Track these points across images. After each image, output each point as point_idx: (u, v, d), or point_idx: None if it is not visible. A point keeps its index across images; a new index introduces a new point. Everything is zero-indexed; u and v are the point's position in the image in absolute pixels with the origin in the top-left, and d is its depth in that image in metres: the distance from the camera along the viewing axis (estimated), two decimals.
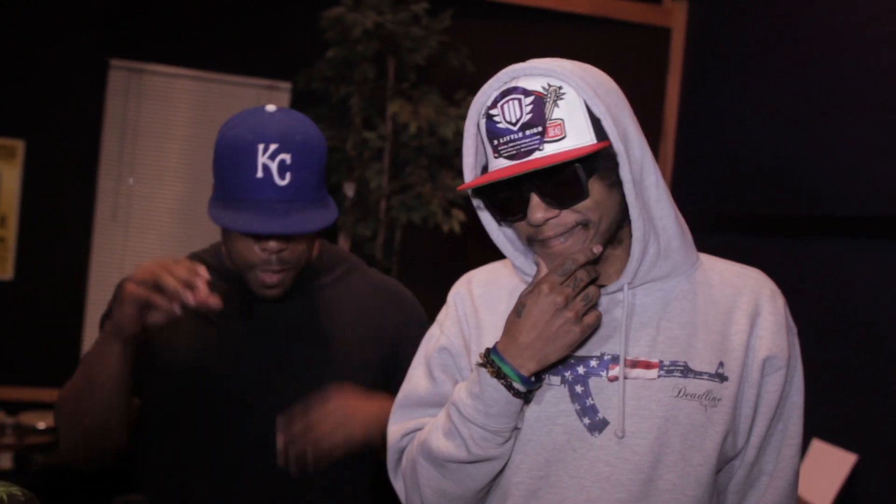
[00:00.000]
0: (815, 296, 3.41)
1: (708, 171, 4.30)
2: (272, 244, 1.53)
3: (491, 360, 1.23)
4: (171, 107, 4.55)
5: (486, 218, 1.34)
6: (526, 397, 1.23)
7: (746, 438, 1.31)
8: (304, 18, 4.29)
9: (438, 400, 1.39)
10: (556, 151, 1.18)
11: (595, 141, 1.19)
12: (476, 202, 1.33)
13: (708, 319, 1.30)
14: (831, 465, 3.14)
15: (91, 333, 4.41)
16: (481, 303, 1.40)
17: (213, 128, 4.54)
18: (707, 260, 1.37)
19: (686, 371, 1.27)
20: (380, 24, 3.88)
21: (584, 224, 1.23)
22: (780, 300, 1.33)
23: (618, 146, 1.20)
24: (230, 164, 1.50)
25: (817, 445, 3.25)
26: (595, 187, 1.21)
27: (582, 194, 1.21)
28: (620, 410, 1.25)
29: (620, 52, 4.55)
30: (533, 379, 1.23)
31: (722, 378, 1.27)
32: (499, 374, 1.22)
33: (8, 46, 4.34)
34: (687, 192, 4.36)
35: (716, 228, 3.97)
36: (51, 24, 4.38)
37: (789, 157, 3.72)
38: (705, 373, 1.27)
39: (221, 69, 4.57)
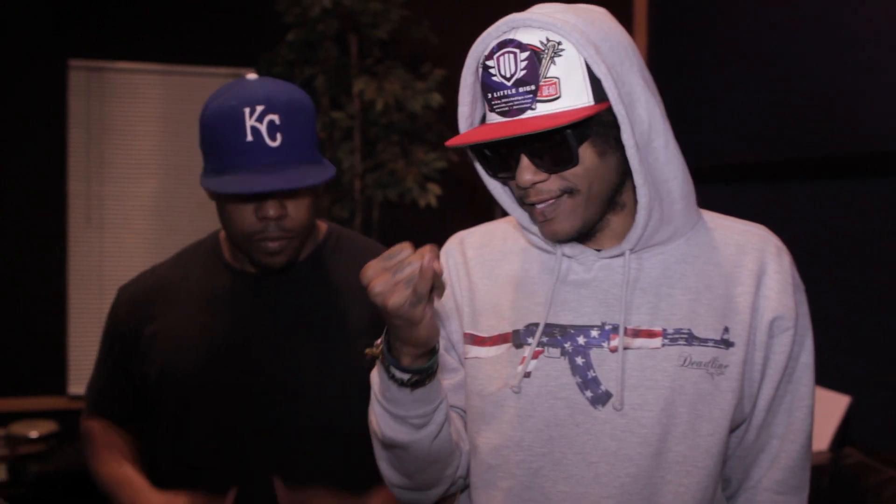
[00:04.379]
0: (802, 239, 3.41)
1: (687, 121, 4.29)
2: (271, 210, 1.48)
3: (384, 342, 1.17)
4: (136, 103, 4.49)
5: (485, 174, 1.27)
6: (411, 384, 1.17)
7: (754, 402, 1.26)
8: (263, 2, 4.23)
9: None
10: (548, 112, 1.11)
11: (592, 103, 1.12)
12: (472, 154, 1.26)
13: (711, 282, 1.23)
14: (826, 408, 3.15)
15: (75, 337, 4.37)
16: (475, 265, 1.34)
17: (180, 121, 4.49)
18: (709, 218, 1.30)
19: (690, 338, 1.21)
20: (338, 1, 3.83)
21: (570, 192, 1.16)
22: (786, 257, 1.27)
23: (619, 109, 1.12)
24: (218, 133, 1.47)
25: None
26: (587, 154, 1.14)
27: (571, 161, 1.14)
28: (619, 382, 1.20)
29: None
30: (415, 366, 1.15)
31: (728, 344, 1.22)
32: (382, 359, 1.17)
33: None
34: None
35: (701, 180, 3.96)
36: (5, 27, 4.30)
37: (763, 101, 3.71)
38: (710, 339, 1.21)
39: (183, 61, 4.51)
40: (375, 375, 1.22)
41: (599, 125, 1.14)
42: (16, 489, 3.79)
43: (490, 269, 1.33)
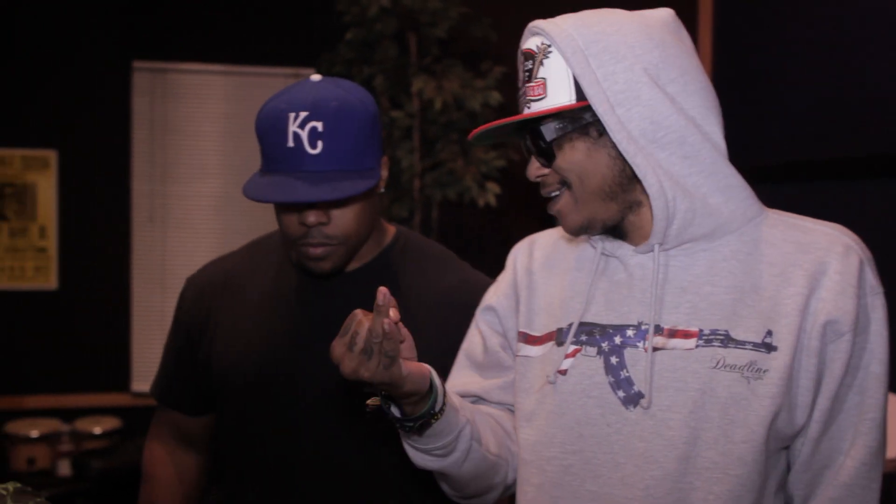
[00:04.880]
0: (871, 238, 3.29)
1: (747, 120, 4.18)
2: (311, 217, 1.47)
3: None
4: (198, 104, 4.54)
5: None
6: (418, 429, 1.21)
7: (809, 413, 1.18)
8: (323, 2, 4.24)
9: (491, 360, 1.39)
10: (536, 110, 1.20)
11: (573, 101, 1.18)
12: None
13: (760, 282, 1.18)
14: None
15: (139, 335, 4.44)
16: (539, 266, 1.37)
17: (241, 121, 4.53)
18: (775, 216, 1.24)
19: (727, 340, 1.16)
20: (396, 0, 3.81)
21: (566, 185, 1.23)
22: (855, 258, 1.18)
23: (600, 107, 1.17)
24: (265, 135, 1.49)
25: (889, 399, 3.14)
26: (571, 147, 1.21)
27: (550, 154, 1.21)
28: (647, 382, 1.18)
29: (649, 7, 4.43)
30: (416, 414, 1.20)
31: (769, 347, 1.15)
32: (383, 408, 1.23)
33: (30, 58, 4.36)
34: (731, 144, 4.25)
35: (760, 179, 3.86)
36: (71, 32, 4.39)
37: (830, 99, 3.60)
38: (749, 342, 1.16)
39: (245, 62, 4.55)
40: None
41: (583, 121, 1.19)
42: (79, 484, 3.85)
43: (550, 267, 1.35)
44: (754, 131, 4.12)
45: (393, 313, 1.09)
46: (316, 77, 1.52)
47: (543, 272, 1.35)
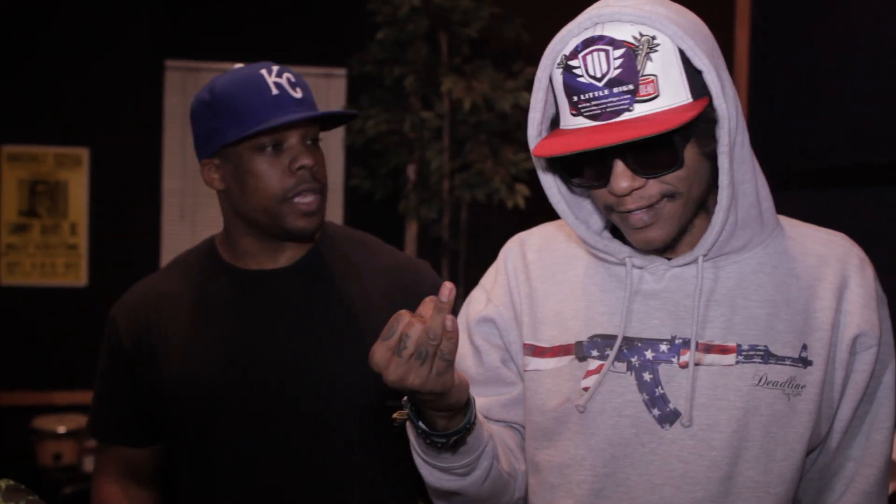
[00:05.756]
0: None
1: (785, 123, 4.12)
2: (306, 159, 1.50)
3: (409, 403, 1.11)
4: None
5: (548, 181, 1.19)
6: (451, 445, 1.11)
7: (830, 423, 1.17)
8: (354, 1, 4.23)
9: (489, 375, 1.29)
10: (648, 112, 1.03)
11: (691, 99, 1.04)
12: (541, 163, 1.18)
13: (790, 296, 1.15)
14: None
15: None
16: (535, 269, 1.26)
17: None
18: (788, 225, 1.21)
19: (767, 356, 1.13)
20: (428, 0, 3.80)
21: (671, 196, 1.08)
22: (869, 270, 1.18)
23: (720, 104, 1.05)
24: (241, 97, 1.50)
25: None
26: (690, 154, 1.06)
27: (675, 163, 1.05)
28: (689, 399, 1.12)
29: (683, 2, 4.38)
30: (452, 428, 1.09)
31: (805, 363, 1.13)
32: (412, 422, 1.11)
33: (63, 57, 4.39)
34: (764, 147, 4.19)
35: (796, 185, 3.80)
36: (104, 31, 4.41)
37: (871, 104, 3.53)
38: (788, 357, 1.13)
39: (275, 61, 4.54)
40: (411, 428, 1.15)
41: (703, 123, 1.06)
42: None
43: (552, 273, 1.25)
44: (793, 135, 4.06)
45: (448, 322, 0.97)
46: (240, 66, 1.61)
47: (544, 278, 1.25)
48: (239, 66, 1.59)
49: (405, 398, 1.11)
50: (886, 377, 1.18)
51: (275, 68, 1.54)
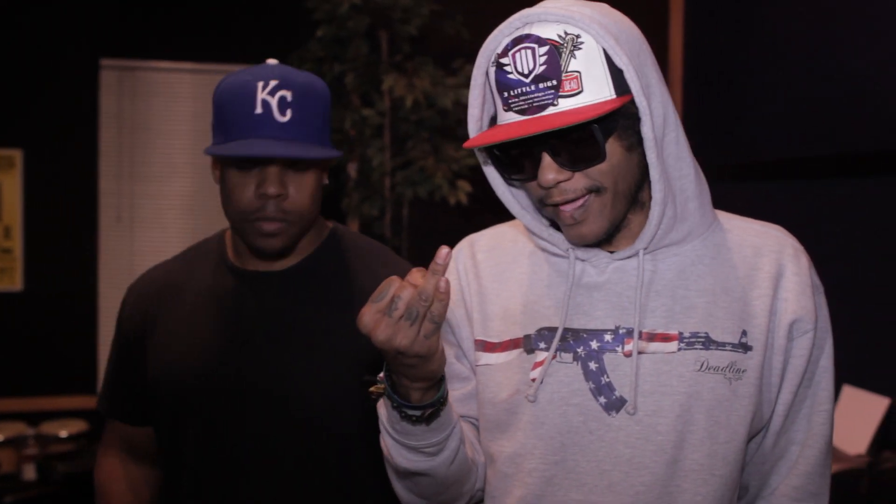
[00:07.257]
0: (837, 237, 3.31)
1: (718, 118, 4.20)
2: (271, 188, 1.45)
3: (385, 378, 1.12)
4: (166, 102, 4.49)
5: (492, 173, 1.23)
6: (426, 418, 1.12)
7: (772, 407, 1.23)
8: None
9: (444, 371, 1.30)
10: (571, 107, 1.08)
11: (614, 95, 1.09)
12: (482, 157, 1.23)
13: (728, 285, 1.20)
14: (865, 410, 3.06)
15: (105, 337, 4.37)
16: (485, 269, 1.31)
17: (210, 120, 4.48)
18: (724, 218, 1.27)
19: (708, 342, 1.18)
20: None
21: (597, 190, 1.13)
22: (804, 258, 1.24)
23: (640, 101, 1.09)
24: (228, 105, 1.47)
25: (848, 392, 3.16)
26: (613, 149, 1.11)
27: (598, 156, 1.11)
28: (633, 387, 1.16)
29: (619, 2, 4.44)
30: (427, 401, 1.11)
31: (745, 348, 1.19)
32: (388, 395, 1.12)
33: None
34: (700, 141, 4.26)
35: (735, 177, 3.87)
36: (37, 29, 4.32)
37: (803, 98, 3.61)
38: (728, 343, 1.18)
39: (213, 59, 4.50)
40: (383, 408, 1.17)
41: (624, 118, 1.11)
42: (45, 488, 3.79)
43: (500, 272, 1.30)
44: (725, 130, 4.14)
45: (441, 283, 0.98)
46: (273, 61, 1.54)
47: (493, 276, 1.29)
48: (272, 61, 1.54)
49: (381, 374, 1.13)
50: (823, 361, 1.24)
51: (272, 83, 1.46)
